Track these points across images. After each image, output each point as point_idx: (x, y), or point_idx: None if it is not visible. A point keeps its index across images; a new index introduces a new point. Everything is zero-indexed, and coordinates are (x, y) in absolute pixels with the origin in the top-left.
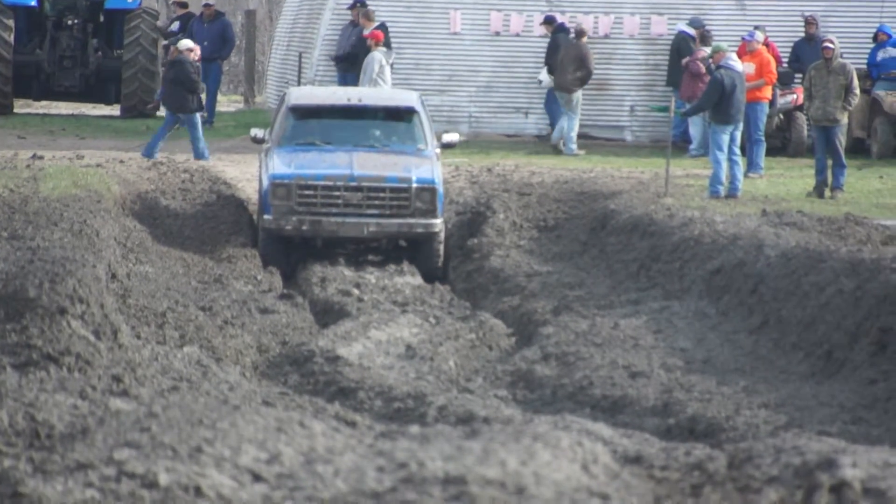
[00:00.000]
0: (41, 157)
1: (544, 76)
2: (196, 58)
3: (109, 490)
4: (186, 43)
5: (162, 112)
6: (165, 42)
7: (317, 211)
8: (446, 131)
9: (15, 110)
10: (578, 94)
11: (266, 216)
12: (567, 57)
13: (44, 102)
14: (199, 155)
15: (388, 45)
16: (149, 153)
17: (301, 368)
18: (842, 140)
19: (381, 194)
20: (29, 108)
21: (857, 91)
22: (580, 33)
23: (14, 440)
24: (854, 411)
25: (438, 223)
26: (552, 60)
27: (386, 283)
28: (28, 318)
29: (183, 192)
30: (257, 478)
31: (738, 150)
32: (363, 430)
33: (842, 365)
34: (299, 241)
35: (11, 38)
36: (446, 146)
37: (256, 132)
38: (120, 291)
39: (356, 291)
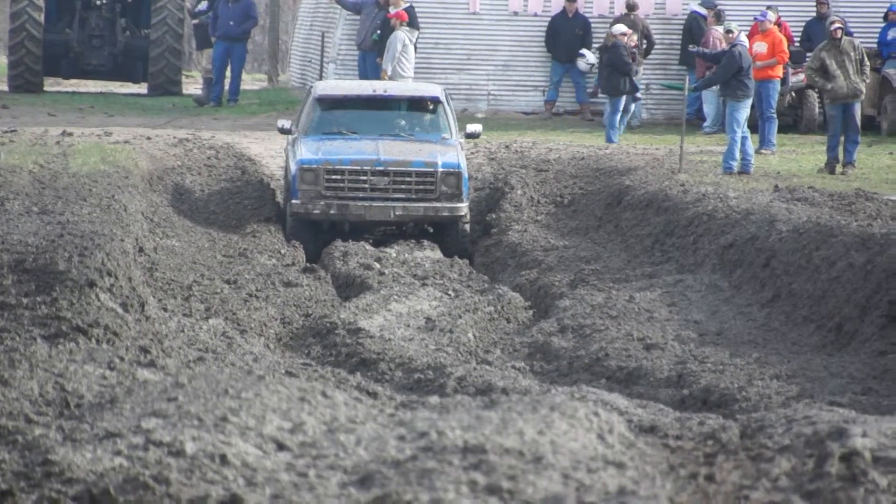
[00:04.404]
0: (70, 134)
1: (591, 57)
2: (633, 43)
3: (137, 458)
4: (620, 27)
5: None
6: (194, 21)
7: (344, 195)
8: (465, 109)
9: (45, 88)
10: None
11: (294, 201)
12: (634, 32)
13: (73, 81)
14: (608, 138)
15: (414, 24)
16: (609, 138)
17: (323, 340)
18: (859, 113)
19: (408, 178)
20: (58, 87)
21: (868, 66)
22: (632, 7)
23: (44, 409)
24: (864, 382)
25: (464, 207)
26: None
27: (406, 257)
28: (58, 291)
29: (208, 169)
30: (281, 446)
31: (746, 127)
32: (384, 400)
33: (852, 337)
34: (327, 225)
35: (42, 18)
36: (470, 136)
37: (283, 123)
38: (147, 265)
39: (377, 265)
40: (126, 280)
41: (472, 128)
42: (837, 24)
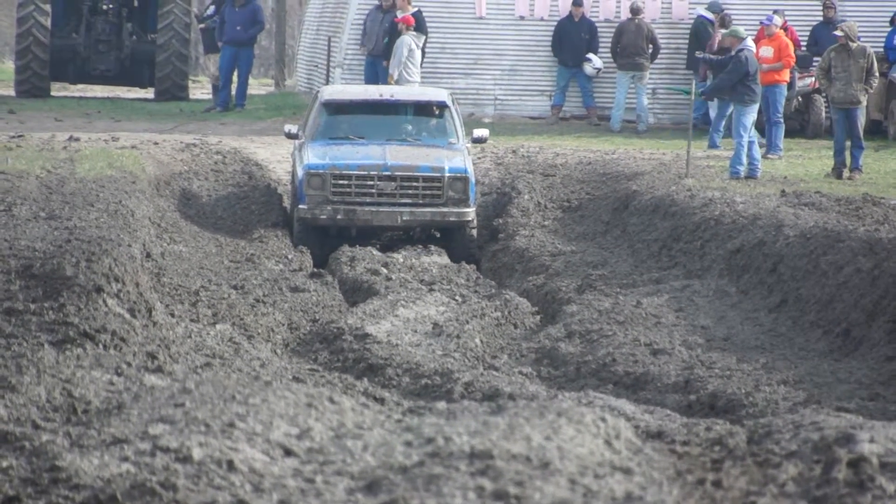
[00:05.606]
0: (77, 139)
1: (598, 62)
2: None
3: (144, 464)
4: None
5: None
6: (201, 25)
7: (351, 200)
8: (471, 114)
9: (52, 93)
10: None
11: (301, 206)
12: (640, 37)
13: (80, 86)
14: (712, 144)
15: (422, 29)
16: (712, 144)
17: (331, 346)
18: (861, 121)
19: (415, 183)
20: (65, 91)
21: (877, 73)
22: (637, 11)
23: (52, 415)
24: (871, 388)
25: (471, 212)
26: (592, 46)
27: (413, 262)
28: (65, 297)
29: (215, 174)
30: (288, 452)
31: (754, 132)
32: (391, 406)
33: (859, 342)
34: (334, 231)
35: (48, 23)
36: (477, 141)
37: (290, 128)
38: (154, 270)
39: (384, 270)
40: (133, 285)
41: (479, 132)
42: (838, 32)
